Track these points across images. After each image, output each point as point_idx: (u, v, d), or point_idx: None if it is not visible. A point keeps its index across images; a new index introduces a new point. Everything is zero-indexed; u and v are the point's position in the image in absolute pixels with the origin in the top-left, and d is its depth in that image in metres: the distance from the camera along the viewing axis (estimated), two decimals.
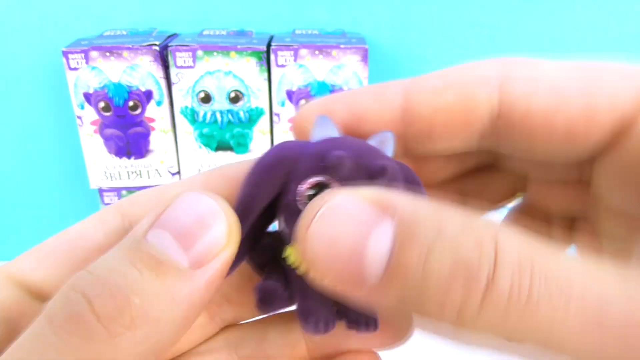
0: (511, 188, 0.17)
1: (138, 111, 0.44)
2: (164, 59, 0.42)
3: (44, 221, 0.56)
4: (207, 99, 0.43)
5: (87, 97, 0.43)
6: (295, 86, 0.43)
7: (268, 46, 0.42)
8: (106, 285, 0.11)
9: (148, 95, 0.43)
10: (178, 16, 0.48)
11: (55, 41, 0.47)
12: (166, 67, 0.43)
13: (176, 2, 0.47)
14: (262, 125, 0.44)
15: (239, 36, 0.44)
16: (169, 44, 0.42)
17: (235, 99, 0.43)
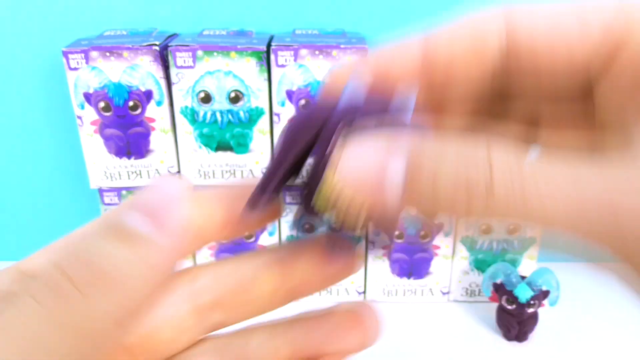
0: (524, 137, 0.18)
1: (138, 111, 0.44)
2: (164, 59, 0.42)
3: (44, 221, 0.56)
4: (207, 99, 0.43)
5: (87, 97, 0.43)
6: (295, 86, 0.43)
7: (268, 46, 0.42)
8: (79, 254, 0.13)
9: (148, 95, 0.43)
10: (178, 16, 0.48)
11: (55, 41, 0.47)
12: (166, 67, 0.43)
13: (176, 2, 0.47)
14: (262, 125, 0.44)
15: (239, 36, 0.44)
16: (169, 44, 0.42)
17: (235, 99, 0.43)
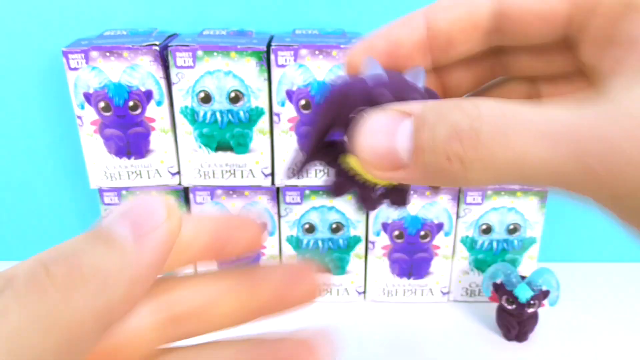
0: (527, 95, 0.20)
1: (138, 111, 0.44)
2: (164, 59, 0.42)
3: (44, 221, 0.56)
4: (207, 99, 0.43)
5: (87, 97, 0.43)
6: (295, 86, 0.43)
7: (268, 46, 0.42)
8: (62, 252, 0.13)
9: (148, 95, 0.43)
10: (178, 16, 0.48)
11: (55, 41, 0.47)
12: (166, 67, 0.43)
13: (176, 2, 0.47)
14: (262, 125, 0.44)
15: (239, 36, 0.44)
16: (169, 44, 0.42)
17: (235, 99, 0.43)
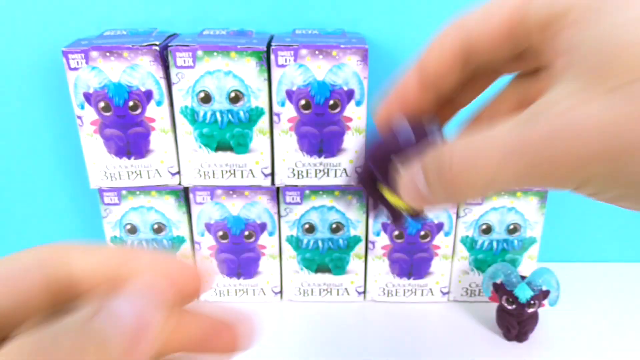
0: (516, 101, 0.24)
1: (138, 111, 0.44)
2: (164, 59, 0.42)
3: (44, 221, 0.56)
4: (207, 99, 0.43)
5: (87, 97, 0.43)
6: (295, 86, 0.43)
7: (268, 46, 0.42)
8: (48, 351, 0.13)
9: (148, 95, 0.43)
10: (178, 16, 0.48)
11: (55, 41, 0.47)
12: (166, 67, 0.43)
13: (176, 2, 0.47)
14: (262, 125, 0.44)
15: (239, 36, 0.44)
16: (169, 44, 0.42)
17: (235, 99, 0.43)
